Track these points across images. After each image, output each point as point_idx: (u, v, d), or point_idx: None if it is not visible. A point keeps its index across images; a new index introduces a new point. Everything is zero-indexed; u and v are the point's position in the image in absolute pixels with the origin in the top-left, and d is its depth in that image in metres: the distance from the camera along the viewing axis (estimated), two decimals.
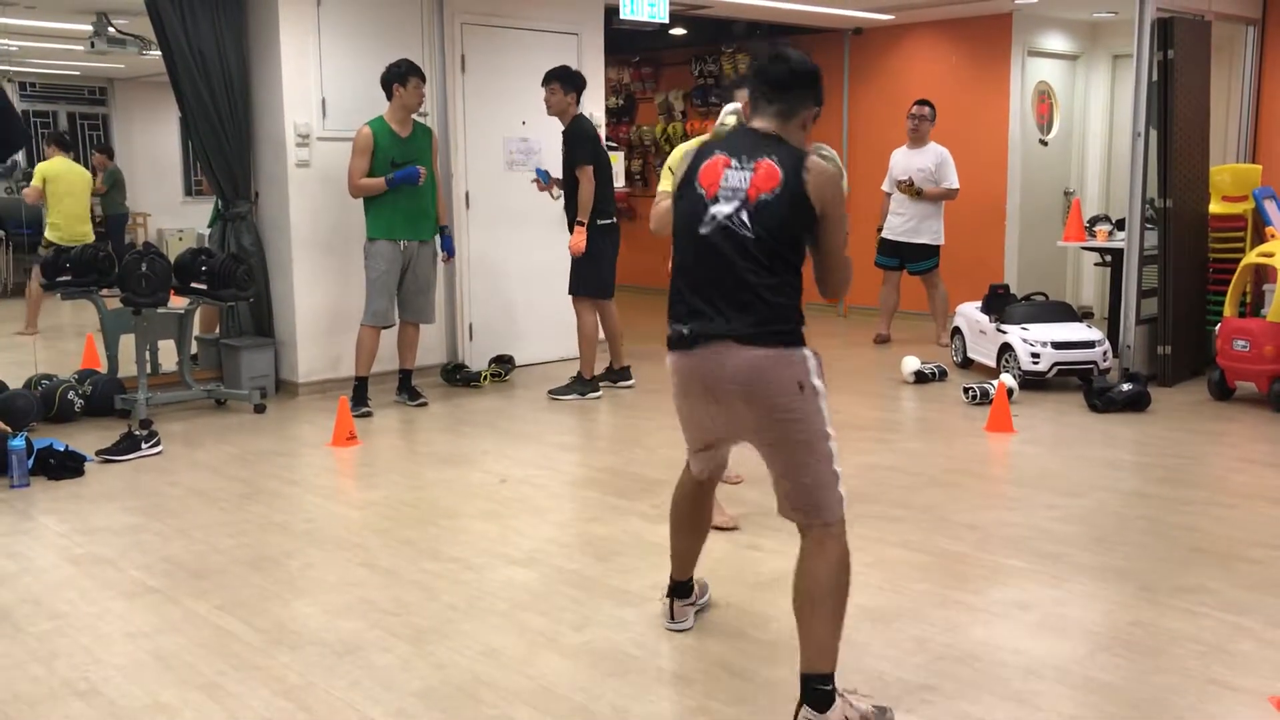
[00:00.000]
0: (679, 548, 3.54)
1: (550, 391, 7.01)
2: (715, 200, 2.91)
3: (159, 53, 6.94)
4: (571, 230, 6.81)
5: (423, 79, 6.68)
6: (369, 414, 6.54)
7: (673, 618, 3.56)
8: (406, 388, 6.98)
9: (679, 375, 3.04)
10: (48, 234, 8.35)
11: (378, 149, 6.53)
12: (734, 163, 2.92)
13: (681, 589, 3.58)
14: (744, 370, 2.85)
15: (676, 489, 3.52)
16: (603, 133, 8.57)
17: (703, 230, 2.92)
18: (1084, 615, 3.66)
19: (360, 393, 6.60)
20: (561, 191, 6.99)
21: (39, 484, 5.24)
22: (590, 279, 6.88)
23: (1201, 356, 7.29)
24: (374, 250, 6.63)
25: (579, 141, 6.73)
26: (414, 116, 6.76)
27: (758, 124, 3.01)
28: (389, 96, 6.61)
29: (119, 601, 3.84)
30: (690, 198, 2.98)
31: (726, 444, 3.25)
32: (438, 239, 6.96)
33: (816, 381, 2.88)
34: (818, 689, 2.84)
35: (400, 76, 6.57)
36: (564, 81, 6.77)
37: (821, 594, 2.91)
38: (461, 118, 7.75)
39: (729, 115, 4.00)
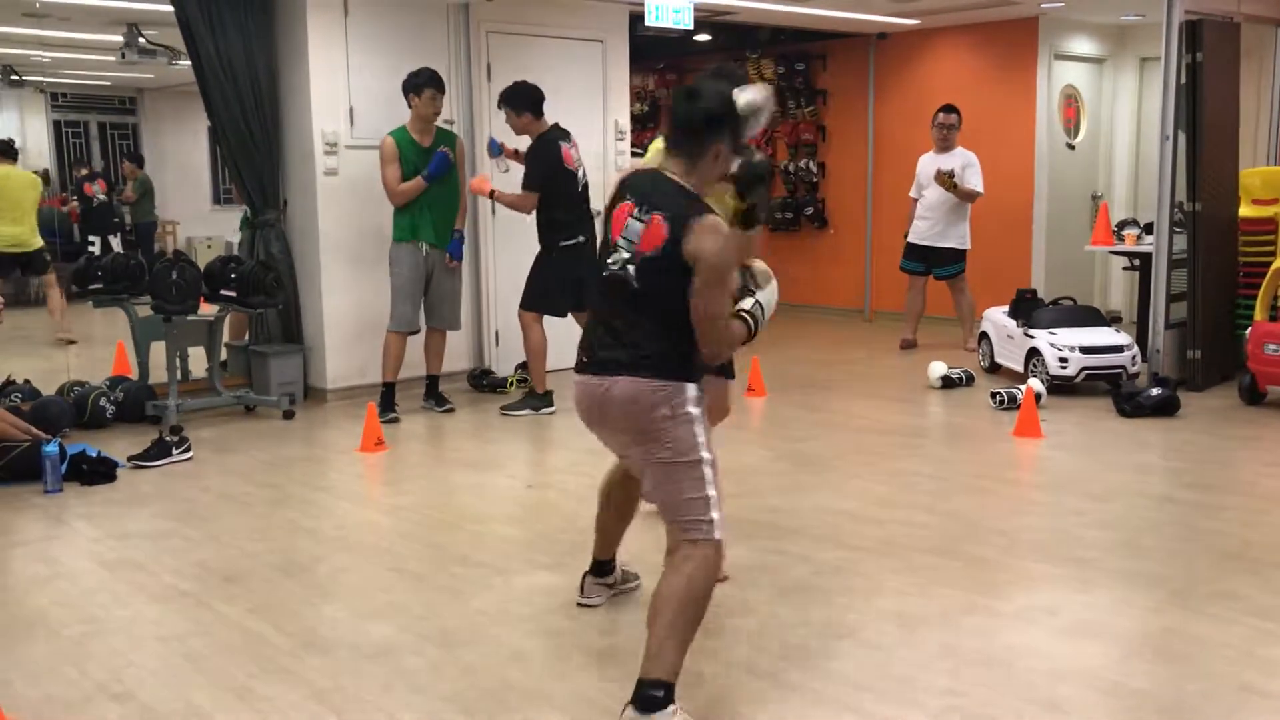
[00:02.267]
0: (601, 526, 3.76)
1: (502, 408, 6.90)
2: (615, 248, 3.06)
3: (188, 63, 7.01)
4: (541, 244, 6.73)
5: (440, 90, 6.65)
6: (396, 420, 6.57)
7: (583, 592, 3.80)
8: (434, 394, 7.01)
9: (576, 396, 3.21)
10: None
11: (402, 159, 6.56)
12: (636, 211, 3.03)
13: (599, 567, 3.81)
14: (622, 395, 3.02)
15: (609, 471, 3.69)
16: (628, 140, 8.61)
17: (605, 273, 3.10)
18: (1113, 621, 3.64)
19: (388, 399, 6.64)
20: (509, 166, 6.95)
21: (72, 489, 5.29)
22: (538, 294, 6.71)
23: (1231, 361, 7.23)
24: (398, 255, 6.66)
25: (530, 166, 6.63)
26: (439, 124, 6.79)
27: (668, 165, 3.08)
28: (408, 105, 6.64)
29: (151, 605, 3.88)
30: (604, 236, 3.15)
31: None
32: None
33: (691, 409, 3.00)
34: (647, 693, 2.91)
35: (415, 87, 6.57)
36: (509, 102, 6.66)
37: (665, 604, 2.98)
38: (488, 126, 7.77)
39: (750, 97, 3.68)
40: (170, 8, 6.75)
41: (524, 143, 6.81)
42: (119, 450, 5.80)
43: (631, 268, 3.00)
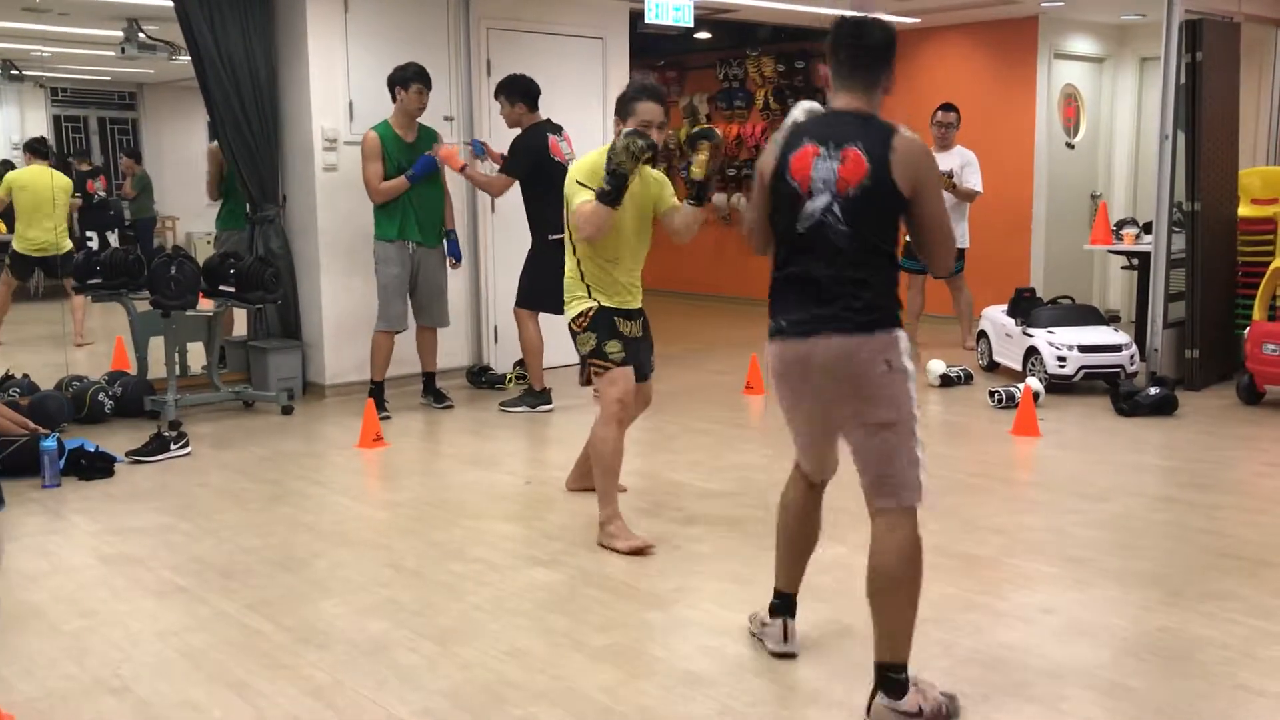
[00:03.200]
0: (793, 554, 3.35)
1: (501, 404, 6.91)
2: (810, 195, 2.91)
3: (188, 58, 7.01)
4: (532, 239, 6.74)
5: (427, 86, 6.61)
6: (387, 418, 6.56)
7: (785, 638, 3.32)
8: (432, 390, 7.01)
9: (780, 363, 3.03)
10: (14, 244, 8.25)
11: (385, 155, 6.53)
12: (822, 151, 2.91)
13: (791, 604, 3.35)
14: (833, 355, 2.88)
15: (784, 493, 3.33)
16: None
17: (800, 228, 2.93)
18: (1110, 620, 3.64)
19: (377, 397, 6.61)
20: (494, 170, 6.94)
21: (70, 484, 5.30)
22: (531, 290, 6.69)
23: (1230, 360, 7.23)
24: (384, 254, 6.62)
25: (514, 152, 6.66)
26: (422, 121, 6.74)
27: (841, 102, 3.03)
28: (393, 98, 6.60)
29: (149, 600, 3.88)
30: (785, 192, 2.96)
31: (831, 437, 3.13)
32: (445, 244, 6.91)
33: (907, 362, 2.89)
34: (891, 677, 2.87)
35: (403, 81, 6.53)
36: (504, 91, 6.68)
37: (893, 584, 2.91)
38: (487, 122, 7.77)
39: (801, 113, 3.73)
40: (170, 3, 6.75)
41: (573, 140, 6.81)
42: (117, 445, 5.81)
43: (837, 208, 2.86)
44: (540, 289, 6.66)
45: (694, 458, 5.69)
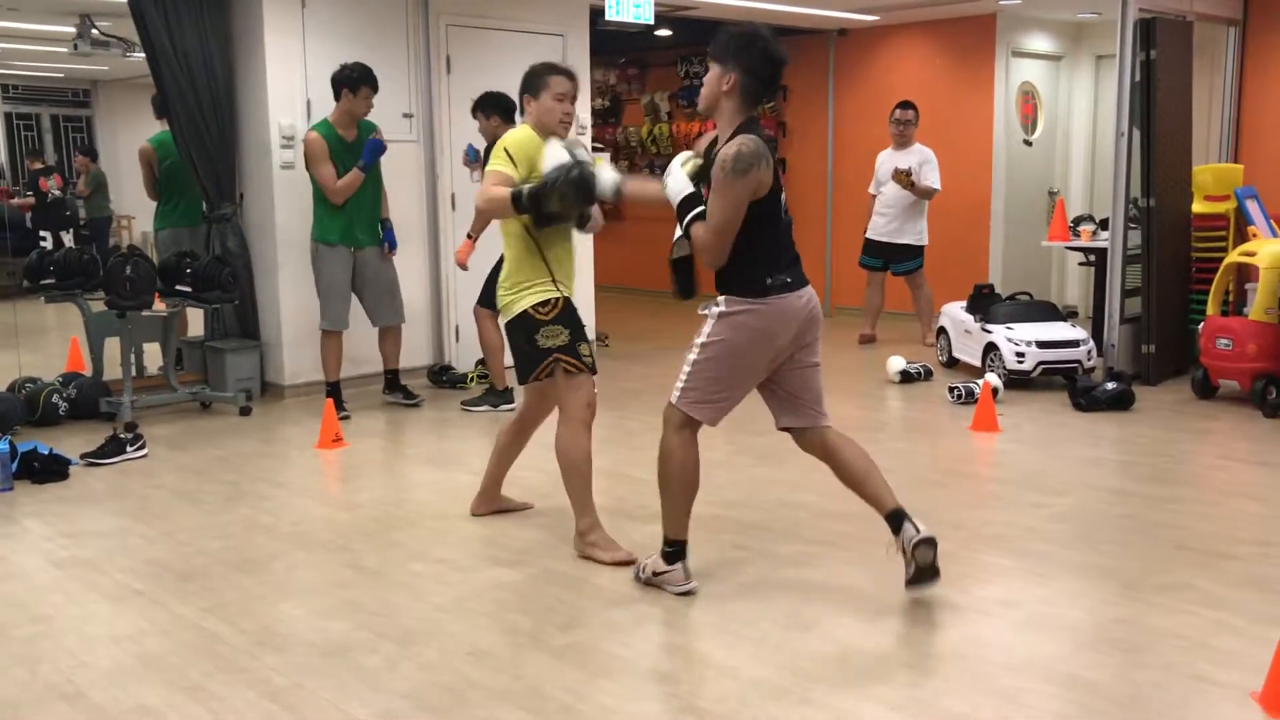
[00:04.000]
0: (688, 507, 3.87)
1: (463, 404, 6.88)
2: (780, 195, 3.75)
3: (143, 55, 6.92)
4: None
5: (374, 89, 6.50)
6: (346, 417, 6.50)
7: (688, 578, 3.81)
8: (398, 387, 6.98)
9: (782, 314, 3.65)
10: None
11: (331, 154, 6.44)
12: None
13: (685, 548, 3.85)
14: (816, 301, 3.76)
15: (681, 453, 3.86)
16: (589, 134, 8.59)
17: (785, 218, 3.76)
18: (1069, 613, 3.67)
19: (336, 397, 6.52)
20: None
21: (23, 488, 5.21)
22: (493, 294, 6.68)
23: (1185, 355, 7.33)
24: (326, 254, 6.55)
25: (487, 155, 6.63)
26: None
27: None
28: (336, 98, 6.48)
29: (104, 605, 3.83)
30: (777, 197, 3.70)
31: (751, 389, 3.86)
32: (381, 232, 6.82)
33: None
34: (902, 519, 3.73)
35: (351, 83, 6.41)
36: (480, 107, 6.60)
37: (869, 461, 3.84)
38: (447, 119, 7.74)
39: (678, 165, 3.80)
40: None
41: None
42: (72, 448, 5.72)
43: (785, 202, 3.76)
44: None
45: (655, 454, 5.67)
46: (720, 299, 3.69)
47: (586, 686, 3.15)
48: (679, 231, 3.75)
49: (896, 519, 3.72)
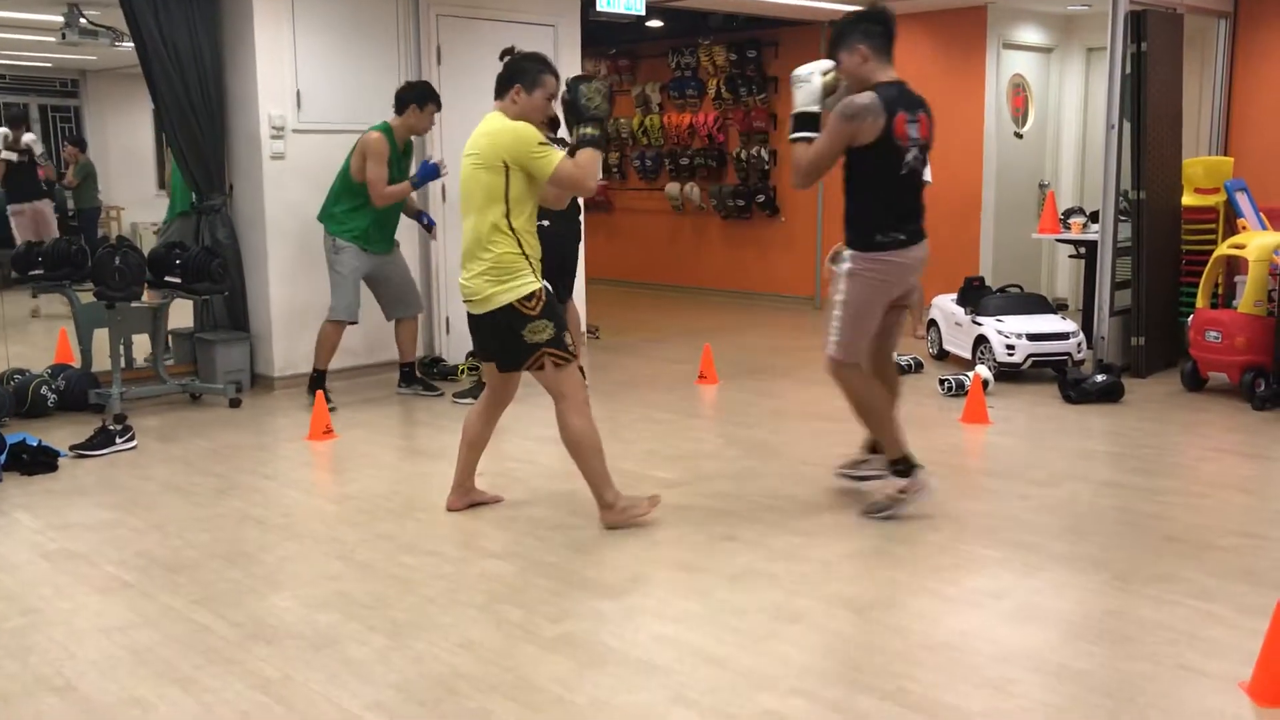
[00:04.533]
0: (893, 426, 4.48)
1: (454, 395, 6.85)
2: (908, 148, 4.26)
3: (131, 44, 6.88)
4: None
5: (439, 108, 6.60)
6: (334, 409, 6.47)
7: (926, 480, 4.46)
8: (415, 379, 7.00)
9: (904, 263, 4.35)
10: None
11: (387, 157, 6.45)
12: (908, 116, 4.23)
13: (910, 461, 4.46)
14: (926, 254, 4.49)
15: (860, 383, 4.47)
16: None
17: (904, 170, 4.27)
18: (1058, 604, 3.69)
19: (319, 384, 6.51)
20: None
21: (11, 479, 5.19)
22: None
23: (1174, 347, 7.35)
24: (345, 248, 6.55)
25: None
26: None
27: (889, 75, 4.27)
28: (399, 110, 6.50)
29: (93, 597, 3.82)
30: (889, 148, 4.20)
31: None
32: (422, 220, 7.01)
33: None
34: (896, 467, 4.44)
35: (421, 100, 6.48)
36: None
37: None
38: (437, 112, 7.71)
39: (819, 75, 4.36)
40: None
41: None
42: (61, 439, 5.70)
43: (921, 155, 4.30)
44: None
45: (647, 446, 5.68)
46: (846, 254, 4.42)
47: (577, 678, 3.16)
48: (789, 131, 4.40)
49: (874, 448, 4.66)
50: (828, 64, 4.38)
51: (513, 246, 4.22)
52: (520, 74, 4.28)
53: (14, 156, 7.64)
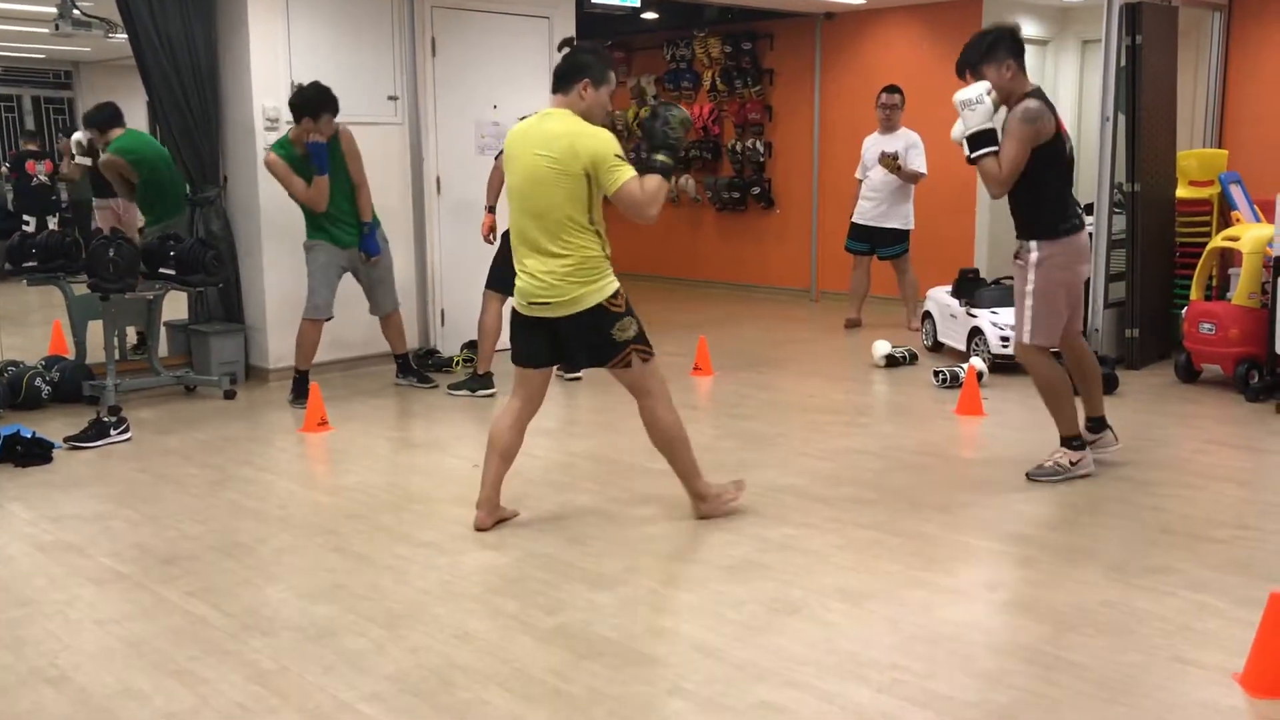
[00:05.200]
0: (1072, 406, 4.84)
1: (449, 387, 6.83)
2: (1067, 145, 4.75)
3: (125, 36, 6.86)
4: None
5: (335, 113, 6.34)
6: (301, 406, 6.41)
7: (1089, 459, 4.87)
8: (411, 370, 7.00)
9: (1083, 246, 4.82)
10: None
11: (294, 169, 6.35)
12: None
13: (1082, 440, 4.87)
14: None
15: (1049, 369, 4.80)
16: None
17: (1067, 165, 4.75)
18: (1052, 595, 3.69)
19: (301, 386, 6.46)
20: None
21: (6, 471, 5.19)
22: (503, 273, 6.47)
23: (1168, 340, 7.36)
24: (315, 245, 6.50)
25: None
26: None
27: (1030, 85, 4.71)
28: (295, 120, 6.32)
29: (88, 588, 3.82)
30: (1062, 145, 4.69)
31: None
32: (360, 239, 6.67)
33: None
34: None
35: (314, 112, 6.26)
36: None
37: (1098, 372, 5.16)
38: (432, 102, 7.71)
39: (987, 96, 4.77)
40: None
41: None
42: (55, 431, 5.70)
43: (1072, 149, 4.84)
44: (506, 269, 6.63)
45: (642, 440, 5.65)
46: (1031, 244, 4.73)
47: (573, 669, 3.16)
48: (968, 152, 4.79)
49: (1098, 424, 5.05)
50: (985, 84, 4.71)
51: (596, 246, 4.11)
52: (587, 68, 4.10)
53: (88, 160, 7.68)
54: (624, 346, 4.17)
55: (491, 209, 6.73)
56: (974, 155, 4.67)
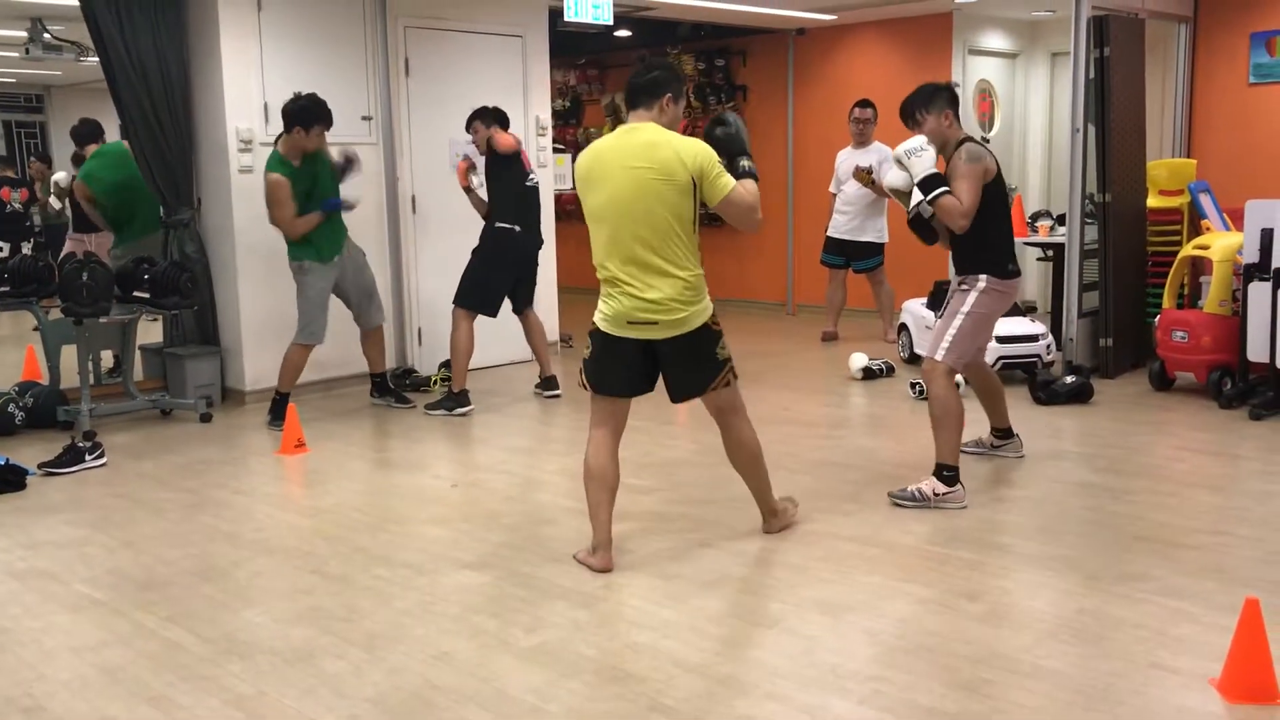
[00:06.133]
0: (960, 437, 4.86)
1: (426, 407, 6.82)
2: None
3: (96, 59, 6.84)
4: (482, 230, 6.77)
5: (328, 126, 6.33)
6: (279, 428, 6.36)
7: (964, 495, 4.75)
8: (388, 390, 6.97)
9: (1012, 293, 4.94)
10: None
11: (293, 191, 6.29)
12: None
13: (958, 474, 4.80)
14: None
15: (948, 394, 4.84)
16: (549, 136, 8.60)
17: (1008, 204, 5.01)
18: (1031, 604, 3.71)
19: (280, 408, 6.39)
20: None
21: None
22: (470, 289, 6.70)
23: (1142, 348, 7.42)
24: (310, 269, 6.43)
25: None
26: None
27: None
28: (286, 130, 6.27)
29: (64, 615, 3.78)
30: (1002, 184, 4.90)
31: None
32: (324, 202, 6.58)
33: None
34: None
35: (306, 122, 6.21)
36: (482, 118, 6.70)
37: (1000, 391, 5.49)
38: (406, 121, 7.71)
39: (929, 145, 4.85)
40: (76, 2, 6.58)
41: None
42: (29, 457, 5.65)
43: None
44: (478, 286, 6.70)
45: (622, 454, 5.67)
46: (981, 277, 4.82)
47: (553, 688, 3.15)
48: (915, 197, 4.83)
49: (1005, 433, 5.47)
50: (923, 137, 4.85)
51: (698, 266, 4.01)
52: (669, 83, 4.02)
53: (61, 204, 7.69)
54: (724, 365, 4.16)
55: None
56: (931, 196, 4.75)
